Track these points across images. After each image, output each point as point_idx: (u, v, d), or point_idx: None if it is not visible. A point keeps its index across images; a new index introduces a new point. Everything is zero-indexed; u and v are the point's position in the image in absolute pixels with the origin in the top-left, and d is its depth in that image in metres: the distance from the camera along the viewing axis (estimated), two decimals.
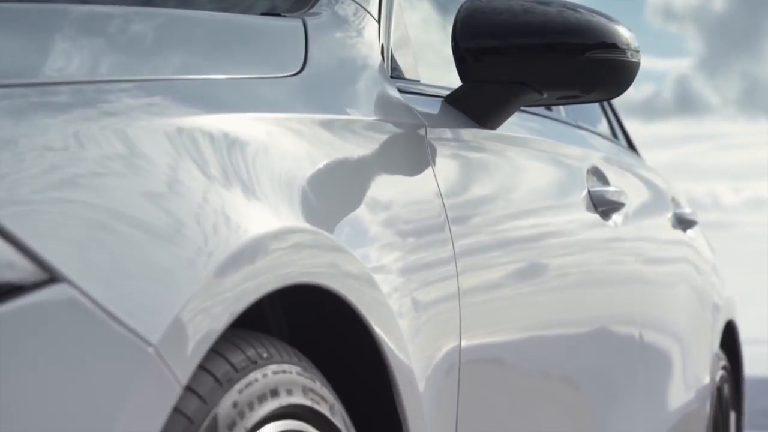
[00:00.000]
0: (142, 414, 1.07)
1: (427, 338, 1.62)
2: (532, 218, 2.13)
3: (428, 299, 1.65)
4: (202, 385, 1.19)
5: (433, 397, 1.61)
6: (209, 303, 1.17)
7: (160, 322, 1.10)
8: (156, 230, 1.15)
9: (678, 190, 3.48)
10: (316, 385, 1.39)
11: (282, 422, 1.31)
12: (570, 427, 2.18)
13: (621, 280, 2.56)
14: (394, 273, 1.57)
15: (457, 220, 1.79)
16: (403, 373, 1.53)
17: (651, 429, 2.69)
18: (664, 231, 3.10)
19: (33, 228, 1.06)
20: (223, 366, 1.23)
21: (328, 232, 1.44)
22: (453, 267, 1.73)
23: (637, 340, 2.62)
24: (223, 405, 1.21)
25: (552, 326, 2.10)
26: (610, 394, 2.41)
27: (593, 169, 2.53)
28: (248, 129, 1.41)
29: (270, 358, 1.32)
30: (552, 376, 2.11)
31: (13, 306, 1.02)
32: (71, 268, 1.06)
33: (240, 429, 1.22)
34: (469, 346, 1.73)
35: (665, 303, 2.89)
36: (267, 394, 1.29)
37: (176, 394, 1.11)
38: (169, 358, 1.10)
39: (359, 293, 1.45)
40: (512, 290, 1.95)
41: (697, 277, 3.26)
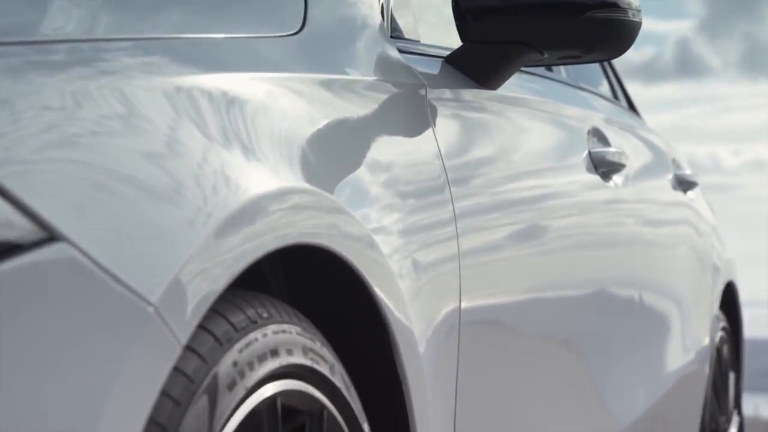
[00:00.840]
0: (142, 373, 1.07)
1: (427, 300, 1.62)
2: (532, 179, 2.13)
3: (428, 260, 1.64)
4: (202, 344, 1.19)
5: (433, 358, 1.61)
6: (209, 263, 1.16)
7: (159, 282, 1.10)
8: (155, 190, 1.14)
9: (678, 152, 3.47)
10: (315, 345, 1.39)
11: (282, 382, 1.31)
12: (569, 388, 2.18)
13: (621, 241, 2.56)
14: (395, 234, 1.57)
15: (457, 182, 1.79)
16: (403, 335, 1.53)
17: (650, 390, 2.70)
18: (664, 192, 3.09)
19: (31, 187, 1.05)
20: (223, 326, 1.23)
21: (329, 192, 1.44)
22: (453, 228, 1.73)
23: (637, 302, 2.62)
24: (223, 364, 1.21)
25: (551, 288, 2.10)
26: (609, 356, 2.42)
27: (594, 130, 2.53)
28: (247, 88, 1.41)
29: (270, 318, 1.32)
30: (551, 338, 2.11)
31: (12, 265, 1.02)
32: (70, 227, 1.06)
33: (240, 388, 1.22)
34: (468, 307, 1.73)
35: (665, 265, 2.89)
36: (267, 353, 1.29)
37: (176, 353, 1.11)
38: (169, 318, 1.10)
39: (359, 254, 1.45)
40: (512, 252, 1.94)
41: (698, 239, 3.25)
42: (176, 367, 1.14)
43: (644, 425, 2.65)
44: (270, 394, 1.28)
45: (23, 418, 0.99)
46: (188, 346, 1.16)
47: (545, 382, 2.06)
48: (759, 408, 6.63)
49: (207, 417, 1.16)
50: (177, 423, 1.12)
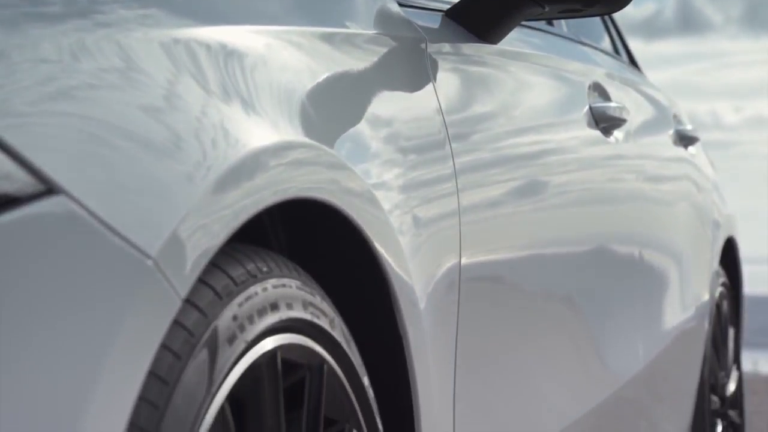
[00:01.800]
0: (141, 326, 1.07)
1: (427, 256, 1.62)
2: (532, 135, 2.12)
3: (429, 216, 1.64)
4: (201, 298, 1.19)
5: (433, 314, 1.61)
6: (208, 218, 1.16)
7: (158, 236, 1.09)
8: (153, 144, 1.14)
9: (680, 107, 3.46)
10: (315, 300, 1.39)
11: (282, 336, 1.31)
12: (568, 343, 2.19)
13: (621, 197, 2.55)
14: (395, 190, 1.57)
15: (457, 137, 1.78)
16: (404, 291, 1.53)
17: (649, 345, 2.71)
18: (665, 148, 3.09)
19: (29, 140, 1.05)
20: (223, 279, 1.23)
21: (329, 147, 1.43)
22: (453, 184, 1.73)
23: (637, 258, 2.62)
24: (223, 318, 1.21)
25: (552, 244, 2.10)
26: (608, 311, 2.42)
27: (595, 85, 2.52)
28: (246, 41, 1.40)
29: (270, 272, 1.31)
30: (551, 293, 2.11)
31: (11, 217, 1.01)
32: (68, 180, 1.05)
33: (240, 342, 1.22)
34: (468, 263, 1.73)
35: (665, 221, 2.89)
36: (267, 307, 1.29)
37: (176, 306, 1.11)
38: (168, 271, 1.10)
39: (360, 210, 1.45)
40: (512, 208, 1.94)
41: (698, 195, 3.25)
42: (176, 321, 1.14)
43: (643, 380, 2.65)
44: (270, 348, 1.28)
45: (22, 370, 0.99)
46: (188, 300, 1.16)
47: (545, 337, 2.06)
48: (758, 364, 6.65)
49: (207, 370, 1.16)
50: (177, 376, 1.12)
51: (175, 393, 1.12)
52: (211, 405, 1.17)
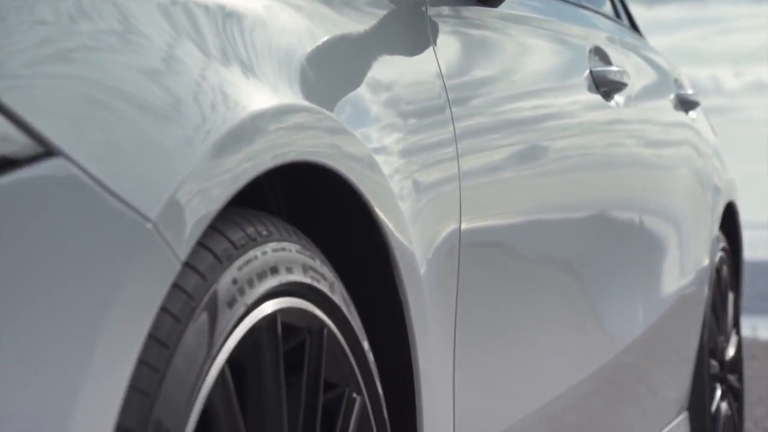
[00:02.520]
0: (141, 289, 1.07)
1: (427, 221, 1.61)
2: (533, 99, 2.12)
3: (429, 181, 1.64)
4: (201, 261, 1.18)
5: (433, 279, 1.61)
6: (208, 181, 1.16)
7: (157, 199, 1.09)
8: (152, 107, 1.13)
9: (680, 71, 3.45)
10: (315, 263, 1.39)
11: (281, 299, 1.31)
12: (568, 308, 2.19)
13: (622, 163, 2.55)
14: (395, 155, 1.56)
15: (457, 101, 1.77)
16: (404, 257, 1.53)
17: (649, 311, 2.71)
18: (666, 113, 3.08)
19: (27, 102, 1.04)
20: (223, 243, 1.23)
21: (329, 111, 1.42)
22: (453, 149, 1.72)
23: (637, 223, 2.62)
24: (223, 282, 1.21)
25: (552, 210, 2.10)
26: (608, 277, 2.42)
27: (595, 48, 2.51)
28: (245, 3, 1.39)
29: (269, 235, 1.31)
30: (551, 259, 2.11)
31: (9, 179, 1.01)
32: (67, 142, 1.05)
33: (240, 305, 1.22)
34: (468, 228, 1.72)
35: (666, 186, 2.89)
36: (266, 271, 1.28)
37: (175, 269, 1.11)
38: (168, 235, 1.10)
39: (360, 175, 1.44)
40: (512, 173, 1.94)
41: (698, 160, 3.25)
42: (176, 284, 1.14)
43: (643, 345, 2.66)
44: (270, 311, 1.28)
45: (21, 333, 0.99)
46: (187, 263, 1.16)
47: (544, 302, 2.06)
48: (757, 329, 6.67)
49: (207, 333, 1.16)
50: (177, 339, 1.12)
51: (175, 356, 1.12)
52: (212, 368, 1.17)
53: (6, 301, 0.99)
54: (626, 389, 2.58)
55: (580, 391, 2.24)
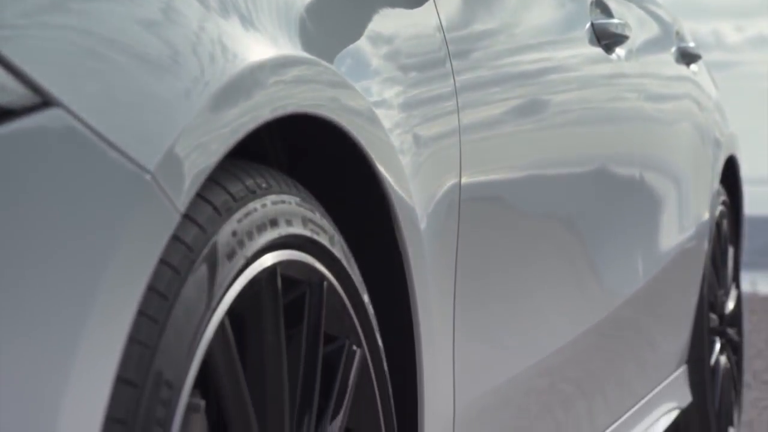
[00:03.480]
0: (140, 240, 1.07)
1: (428, 175, 1.61)
2: (534, 52, 2.11)
3: (429, 135, 1.63)
4: (200, 213, 1.18)
5: (433, 235, 1.61)
6: (206, 132, 1.15)
7: (156, 151, 1.09)
8: (151, 59, 1.13)
9: (682, 24, 3.43)
10: (315, 216, 1.39)
11: (281, 252, 1.31)
12: (567, 263, 2.19)
13: (623, 117, 2.55)
14: (396, 108, 1.56)
15: (458, 55, 1.77)
16: (405, 212, 1.53)
17: (648, 265, 2.71)
18: (667, 66, 3.07)
19: (24, 52, 1.04)
20: (222, 195, 1.23)
21: (328, 63, 1.42)
22: (454, 103, 1.72)
23: (637, 178, 2.62)
24: (222, 234, 1.21)
25: (552, 165, 2.10)
26: (608, 231, 2.42)
27: (597, 1, 2.50)
28: None
29: (269, 188, 1.31)
30: (551, 214, 2.11)
31: (5, 130, 1.01)
32: (65, 93, 1.04)
33: (239, 258, 1.22)
34: (468, 183, 1.72)
35: (666, 141, 2.88)
36: (266, 223, 1.28)
37: (174, 221, 1.11)
38: (167, 186, 1.09)
39: (361, 129, 1.44)
40: (512, 127, 1.93)
41: (699, 114, 3.24)
42: (175, 236, 1.13)
43: (642, 299, 2.66)
44: (269, 264, 1.28)
45: (19, 284, 1.00)
46: (187, 215, 1.16)
47: (544, 257, 2.06)
48: (757, 284, 6.68)
49: (207, 285, 1.16)
50: (177, 291, 1.12)
51: (175, 308, 1.12)
52: (211, 320, 1.17)
53: (4, 253, 0.99)
54: (626, 343, 2.59)
55: (580, 345, 2.25)
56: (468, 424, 1.74)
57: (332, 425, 1.42)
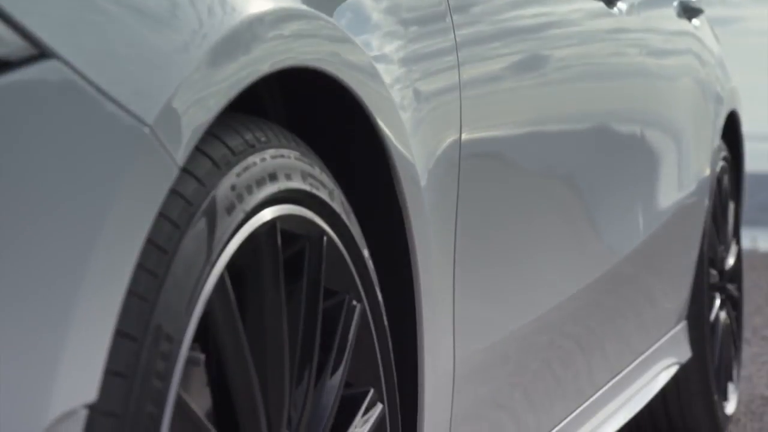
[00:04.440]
0: (139, 194, 1.07)
1: (428, 131, 1.61)
2: (535, 6, 2.09)
3: (429, 90, 1.63)
4: (199, 167, 1.18)
5: (434, 191, 1.61)
6: (205, 86, 1.15)
7: (154, 104, 1.08)
8: (149, 11, 1.12)
9: None
10: (315, 171, 1.38)
11: (281, 206, 1.31)
12: (567, 219, 2.19)
13: (624, 72, 2.53)
14: (396, 63, 1.55)
15: (458, 9, 1.75)
16: (405, 168, 1.52)
17: (649, 221, 2.71)
18: (669, 21, 3.05)
19: (22, 4, 1.03)
20: (221, 149, 1.22)
21: (328, 16, 1.41)
22: (454, 57, 1.71)
23: (638, 134, 2.62)
24: (221, 188, 1.20)
25: (553, 121, 2.09)
26: (608, 188, 2.42)
27: None
28: None
29: (268, 142, 1.31)
30: (551, 170, 2.10)
31: (3, 81, 1.00)
32: (61, 45, 1.04)
33: (239, 212, 1.22)
34: (469, 139, 1.72)
35: (667, 97, 2.87)
36: (265, 178, 1.28)
37: (173, 175, 1.10)
38: (166, 139, 1.09)
39: (361, 84, 1.43)
40: (513, 82, 1.92)
41: (701, 69, 3.23)
42: (174, 190, 1.13)
43: (642, 255, 2.67)
44: (269, 218, 1.28)
45: (18, 239, 0.99)
46: (185, 169, 1.15)
47: (543, 213, 2.06)
48: (757, 241, 6.69)
49: (206, 239, 1.16)
50: (176, 245, 1.12)
51: (174, 262, 1.12)
52: (211, 274, 1.17)
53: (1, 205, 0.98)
54: (625, 299, 2.59)
55: (579, 301, 2.25)
56: (468, 379, 1.74)
57: (332, 380, 1.42)
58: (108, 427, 1.04)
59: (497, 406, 1.92)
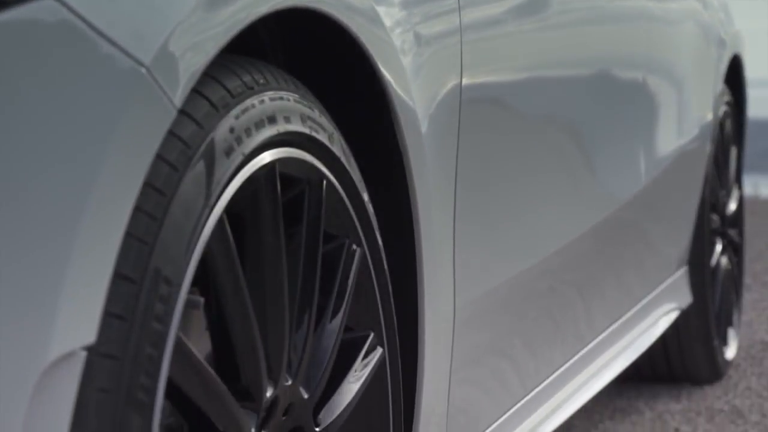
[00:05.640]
0: (136, 136, 1.06)
1: (429, 76, 1.59)
2: None
3: (430, 34, 1.61)
4: (197, 109, 1.17)
5: (434, 136, 1.60)
6: (202, 26, 1.14)
7: (152, 45, 1.07)
8: None
9: None
10: (314, 114, 1.37)
11: (280, 149, 1.30)
12: (568, 167, 2.18)
13: (626, 16, 2.52)
14: (396, 6, 1.54)
15: None
16: (406, 114, 1.51)
17: (650, 167, 2.70)
18: None
19: None
20: (219, 91, 1.21)
21: None
22: (455, 0, 1.69)
23: (641, 79, 2.60)
24: (220, 130, 1.19)
25: (553, 65, 2.07)
26: (610, 134, 2.41)
27: None
28: None
29: (267, 84, 1.30)
30: (552, 115, 2.09)
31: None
32: None
33: (237, 154, 1.21)
34: (469, 84, 1.70)
35: (670, 41, 2.86)
36: (264, 120, 1.27)
37: (171, 117, 1.10)
38: (163, 81, 1.08)
39: (362, 28, 1.42)
40: (514, 26, 1.91)
41: (704, 12, 3.20)
42: (171, 132, 1.12)
43: (643, 201, 2.66)
44: (268, 161, 1.27)
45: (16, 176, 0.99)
46: (183, 111, 1.14)
47: (544, 159, 2.05)
48: (758, 187, 6.68)
49: (204, 182, 1.16)
50: (174, 187, 1.12)
51: (173, 204, 1.11)
52: (210, 217, 1.17)
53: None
54: (626, 245, 2.59)
55: (579, 247, 2.24)
56: (468, 325, 1.74)
57: (332, 324, 1.42)
58: (107, 369, 1.04)
59: (497, 352, 1.93)
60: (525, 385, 2.07)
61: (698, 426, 2.88)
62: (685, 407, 3.03)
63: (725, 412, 2.99)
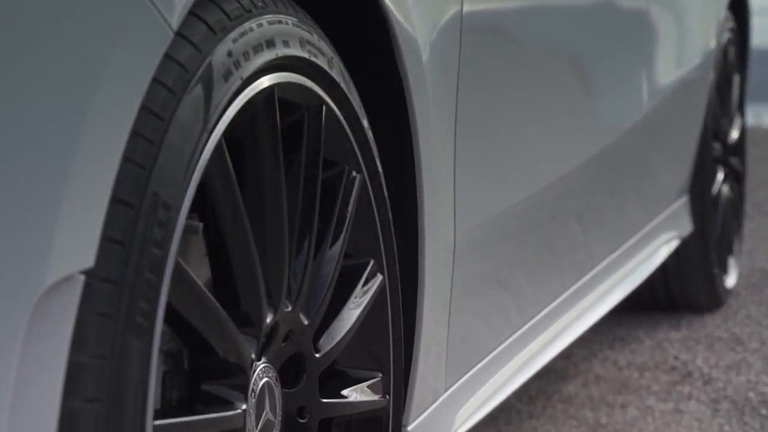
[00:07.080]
0: (133, 58, 1.05)
1: (429, 3, 1.58)
2: None
3: None
4: (194, 32, 1.15)
5: (435, 64, 1.59)
6: None
7: None
8: None
9: None
10: (313, 38, 1.36)
11: (279, 74, 1.29)
12: (569, 95, 2.17)
13: None
14: None
15: None
16: (407, 41, 1.50)
17: (653, 94, 2.69)
18: None
19: None
20: (217, 14, 1.19)
21: None
22: None
23: (643, 5, 2.58)
24: (218, 54, 1.18)
25: None
26: (611, 61, 2.39)
27: None
28: None
29: (265, 7, 1.28)
30: (553, 44, 2.08)
31: None
32: None
33: (235, 78, 1.20)
34: (470, 11, 1.68)
35: None
36: (263, 44, 1.26)
37: (168, 39, 1.08)
38: (159, 2, 1.07)
39: None
40: None
41: None
42: (168, 55, 1.11)
43: (644, 129, 2.65)
44: (267, 85, 1.26)
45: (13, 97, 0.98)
46: (180, 33, 1.13)
47: (544, 87, 2.04)
48: (761, 116, 6.66)
49: (202, 106, 1.15)
50: (171, 111, 1.10)
51: (170, 128, 1.10)
52: (208, 141, 1.16)
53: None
54: (627, 174, 2.58)
55: (580, 176, 2.24)
56: (468, 253, 1.74)
57: (332, 250, 1.42)
58: (106, 293, 1.04)
59: (497, 281, 1.93)
60: (524, 314, 2.07)
61: (697, 354, 2.89)
62: (685, 335, 3.04)
63: (724, 339, 2.99)
